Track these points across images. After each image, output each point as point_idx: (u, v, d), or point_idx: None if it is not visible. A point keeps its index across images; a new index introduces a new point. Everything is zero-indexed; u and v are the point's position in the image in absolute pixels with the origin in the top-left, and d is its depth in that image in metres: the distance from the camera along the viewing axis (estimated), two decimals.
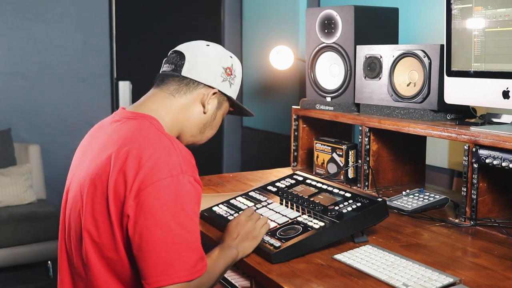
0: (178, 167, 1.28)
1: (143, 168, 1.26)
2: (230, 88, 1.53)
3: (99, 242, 1.31)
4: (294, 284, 1.35)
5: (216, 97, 1.51)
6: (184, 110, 1.47)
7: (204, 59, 1.49)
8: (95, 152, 1.39)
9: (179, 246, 1.24)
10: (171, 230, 1.23)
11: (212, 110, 1.52)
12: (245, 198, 1.86)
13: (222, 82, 1.51)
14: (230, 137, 4.74)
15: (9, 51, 4.07)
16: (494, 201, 1.81)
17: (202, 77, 1.48)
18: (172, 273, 1.22)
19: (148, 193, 1.24)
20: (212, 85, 1.49)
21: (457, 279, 1.33)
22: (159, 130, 1.38)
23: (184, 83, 1.47)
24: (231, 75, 1.53)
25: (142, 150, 1.29)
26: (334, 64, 2.42)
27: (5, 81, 4.08)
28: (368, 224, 1.62)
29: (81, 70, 4.28)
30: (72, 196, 1.41)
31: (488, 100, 1.80)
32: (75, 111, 4.28)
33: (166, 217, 1.24)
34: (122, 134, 1.36)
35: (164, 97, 1.47)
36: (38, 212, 3.68)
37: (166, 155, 1.29)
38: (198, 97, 1.48)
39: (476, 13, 1.77)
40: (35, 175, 3.97)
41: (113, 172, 1.28)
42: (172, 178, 1.26)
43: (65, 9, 4.18)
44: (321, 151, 2.44)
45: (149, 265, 1.23)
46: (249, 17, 4.44)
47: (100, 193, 1.31)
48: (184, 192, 1.27)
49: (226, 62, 1.52)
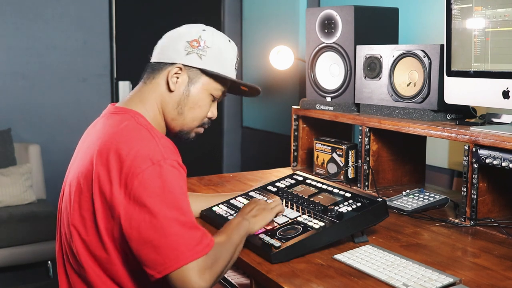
0: (159, 154, 1.28)
1: (125, 163, 1.26)
2: (200, 60, 1.44)
3: (87, 240, 1.32)
4: (294, 284, 1.35)
5: (185, 73, 1.44)
6: (156, 93, 1.45)
7: (168, 40, 1.48)
8: (83, 151, 1.41)
9: (177, 229, 1.23)
10: (166, 216, 1.23)
11: (182, 86, 1.45)
12: (245, 198, 1.86)
13: (187, 56, 1.44)
14: (230, 137, 4.74)
15: (9, 51, 4.07)
16: (494, 201, 1.81)
17: (164, 57, 1.46)
18: (179, 255, 1.22)
19: (136, 186, 1.24)
20: (173, 61, 1.44)
21: (457, 279, 1.33)
22: (139, 123, 1.37)
23: (153, 69, 1.47)
24: (198, 46, 1.44)
25: (121, 145, 1.29)
26: (334, 64, 2.42)
27: (5, 81, 4.08)
28: (368, 224, 1.62)
29: (81, 70, 4.28)
30: (65, 196, 1.43)
31: (488, 100, 1.80)
32: (75, 111, 4.28)
33: (158, 204, 1.24)
34: (104, 131, 1.37)
35: (140, 88, 1.48)
36: (38, 212, 3.68)
37: (144, 146, 1.29)
38: (164, 76, 1.45)
39: (476, 13, 1.77)
40: (35, 175, 3.97)
41: (96, 170, 1.29)
42: (154, 166, 1.26)
43: (65, 9, 4.19)
44: (321, 151, 2.44)
45: (154, 255, 1.23)
46: (249, 17, 4.44)
47: (85, 191, 1.32)
48: (169, 177, 1.26)
49: (191, 36, 1.45)
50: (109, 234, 1.30)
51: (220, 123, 4.72)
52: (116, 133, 1.33)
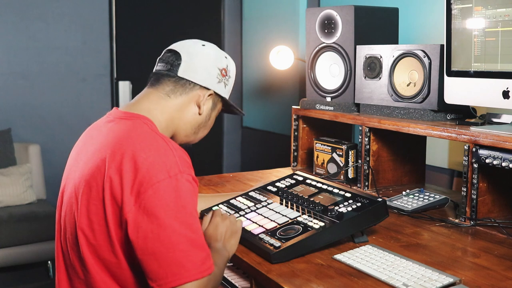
0: (176, 167, 1.28)
1: (140, 170, 1.25)
2: (224, 89, 1.54)
3: (95, 244, 1.31)
4: (294, 284, 1.35)
5: (211, 98, 1.51)
6: (180, 111, 1.47)
7: (200, 60, 1.49)
8: (89, 154, 1.38)
9: (185, 246, 1.23)
10: (175, 230, 1.23)
11: (207, 111, 1.52)
12: (245, 198, 1.86)
13: (218, 84, 1.51)
14: (230, 137, 4.74)
15: (9, 51, 4.08)
16: (494, 201, 1.81)
17: (198, 78, 1.48)
18: (182, 272, 1.22)
19: (149, 196, 1.23)
20: (208, 86, 1.49)
21: (457, 279, 1.33)
22: (153, 131, 1.37)
23: (180, 84, 1.47)
24: (226, 76, 1.53)
25: (137, 151, 1.28)
26: (334, 64, 2.42)
27: (5, 81, 4.09)
28: (368, 224, 1.62)
29: (81, 70, 4.28)
30: (67, 198, 1.40)
31: (488, 100, 1.80)
32: (75, 111, 4.28)
33: (169, 218, 1.23)
34: (116, 135, 1.35)
35: (159, 97, 1.46)
36: (38, 212, 3.68)
37: (162, 156, 1.29)
38: (194, 98, 1.48)
39: (476, 13, 1.77)
40: (35, 175, 3.97)
41: (108, 174, 1.28)
42: (170, 179, 1.25)
43: (65, 9, 4.19)
44: (321, 151, 2.44)
45: (157, 267, 1.23)
46: (249, 17, 4.44)
47: (95, 195, 1.30)
48: (184, 191, 1.26)
49: (221, 63, 1.52)
50: (119, 239, 1.28)
51: (220, 123, 4.72)
52: (131, 138, 1.32)
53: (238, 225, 1.54)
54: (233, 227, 1.52)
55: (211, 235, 1.49)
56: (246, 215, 1.73)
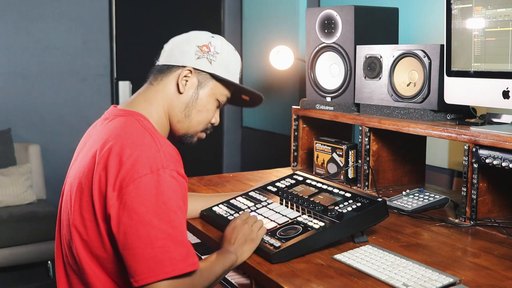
0: (159, 162, 1.27)
1: (124, 165, 1.26)
2: (210, 65, 1.47)
3: (87, 240, 1.32)
4: (294, 284, 1.35)
5: (194, 76, 1.47)
6: (163, 95, 1.46)
7: (177, 43, 1.49)
8: (85, 152, 1.41)
9: (164, 242, 1.22)
10: (154, 227, 1.22)
11: (192, 89, 1.47)
12: (245, 198, 1.86)
13: (198, 60, 1.47)
14: (230, 137, 4.74)
15: (9, 51, 4.08)
16: (494, 201, 1.81)
17: (174, 59, 1.47)
18: (159, 268, 1.21)
19: (130, 191, 1.24)
20: (184, 64, 1.46)
21: (457, 279, 1.33)
22: (143, 126, 1.36)
23: (160, 70, 1.48)
24: (208, 52, 1.48)
25: (124, 147, 1.29)
26: (334, 64, 2.42)
27: (5, 81, 4.09)
28: (368, 224, 1.62)
29: (81, 70, 4.28)
30: (65, 197, 1.43)
31: (488, 100, 1.80)
32: (75, 111, 4.28)
33: (149, 214, 1.23)
34: (106, 132, 1.36)
35: (146, 89, 1.48)
36: (38, 212, 3.69)
37: (146, 151, 1.28)
38: (174, 79, 1.47)
39: (476, 13, 1.77)
40: (35, 175, 3.97)
41: (96, 170, 1.29)
42: (152, 174, 1.25)
43: (65, 9, 4.19)
44: (321, 151, 2.44)
45: (135, 263, 1.23)
46: (249, 17, 4.44)
47: (86, 191, 1.31)
48: (166, 187, 1.25)
49: (201, 41, 1.48)
50: (107, 234, 1.29)
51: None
52: (119, 135, 1.32)
53: (257, 234, 1.52)
54: (251, 234, 1.51)
55: (226, 236, 1.50)
56: None
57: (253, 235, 1.51)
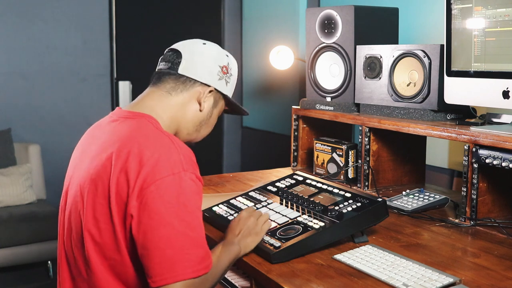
0: (180, 165, 1.28)
1: (144, 167, 1.26)
2: (226, 87, 1.54)
3: (100, 243, 1.31)
4: (294, 284, 1.35)
5: (212, 95, 1.52)
6: (181, 108, 1.48)
7: (201, 58, 1.50)
8: (94, 153, 1.39)
9: (183, 244, 1.24)
10: (174, 228, 1.24)
11: (208, 108, 1.52)
12: (245, 198, 1.86)
13: (219, 81, 1.52)
14: (230, 137, 4.73)
15: (9, 51, 4.08)
16: (494, 201, 1.81)
17: (198, 75, 1.48)
18: (178, 270, 1.22)
19: (150, 191, 1.24)
20: (208, 83, 1.50)
21: (457, 279, 1.33)
22: (158, 129, 1.38)
23: (180, 81, 1.48)
24: (227, 73, 1.54)
25: (143, 149, 1.29)
26: (334, 64, 2.42)
27: (5, 81, 4.08)
28: (368, 224, 1.62)
29: (81, 70, 4.28)
30: (72, 197, 1.40)
31: (488, 100, 1.80)
32: (75, 111, 4.28)
33: (170, 215, 1.24)
34: (121, 133, 1.36)
35: (161, 95, 1.47)
36: (38, 212, 3.68)
37: (167, 153, 1.29)
38: (195, 95, 1.49)
39: (476, 13, 1.77)
40: (35, 175, 3.97)
41: (114, 172, 1.28)
42: (174, 176, 1.26)
43: (65, 9, 4.19)
44: (321, 151, 2.44)
45: (154, 263, 1.23)
46: (249, 17, 4.44)
47: (101, 193, 1.30)
48: (186, 189, 1.27)
49: (222, 61, 1.53)
50: (124, 236, 1.29)
51: (220, 123, 4.72)
52: (136, 137, 1.33)
53: (262, 228, 1.54)
54: (256, 227, 1.53)
55: (231, 227, 1.54)
56: None
57: (257, 229, 1.53)
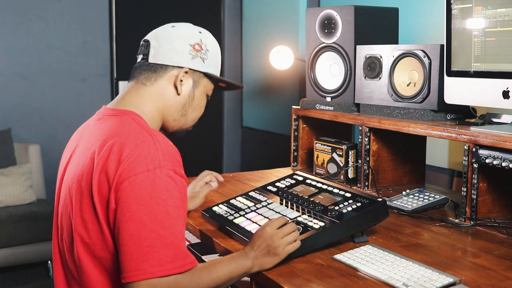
0: (156, 161, 1.26)
1: (122, 163, 1.25)
2: (203, 64, 1.47)
3: (89, 243, 1.31)
4: (294, 284, 1.34)
5: (189, 76, 1.47)
6: (160, 96, 1.45)
7: (168, 41, 1.46)
8: (80, 153, 1.39)
9: (152, 242, 1.22)
10: (145, 226, 1.22)
11: (188, 90, 1.47)
12: (245, 198, 1.86)
13: (192, 60, 1.46)
14: (230, 137, 4.73)
15: (9, 51, 4.07)
16: (494, 201, 1.81)
17: (168, 59, 1.45)
18: (145, 268, 1.21)
19: (124, 187, 1.24)
20: (180, 64, 1.45)
21: (457, 279, 1.33)
22: (140, 125, 1.36)
23: (152, 70, 1.46)
24: (201, 50, 1.47)
25: (123, 146, 1.28)
26: (334, 64, 2.42)
27: (5, 81, 4.08)
28: (368, 224, 1.62)
29: (81, 70, 4.28)
30: (63, 199, 1.40)
31: (488, 100, 1.80)
32: (75, 111, 4.27)
33: (141, 212, 1.23)
34: (104, 132, 1.35)
35: (138, 88, 1.46)
36: (38, 212, 3.68)
37: (145, 150, 1.28)
38: (170, 80, 1.45)
39: (476, 13, 1.77)
40: (35, 175, 3.97)
41: (95, 171, 1.28)
42: (148, 172, 1.25)
43: (65, 9, 4.19)
44: (321, 151, 2.44)
45: (124, 259, 1.23)
46: (249, 17, 4.44)
47: (86, 193, 1.30)
48: (161, 187, 1.25)
49: (193, 39, 1.47)
50: (110, 233, 1.29)
51: (220, 123, 4.72)
52: (117, 135, 1.32)
53: (284, 249, 1.42)
54: (277, 248, 1.41)
55: (252, 240, 1.43)
56: (246, 215, 1.73)
57: (279, 250, 1.41)
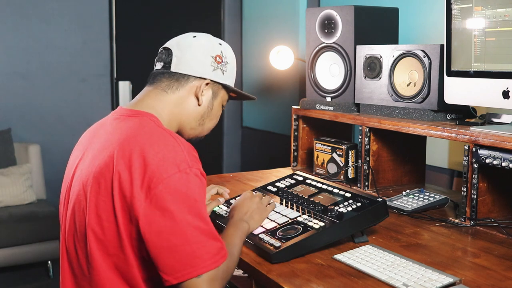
0: (185, 162, 1.29)
1: (149, 166, 1.27)
2: (223, 76, 1.52)
3: (103, 240, 1.31)
4: (294, 284, 1.35)
5: (209, 87, 1.50)
6: (179, 104, 1.48)
7: (191, 52, 1.48)
8: (96, 151, 1.39)
9: (200, 238, 1.25)
10: (189, 223, 1.25)
11: (208, 100, 1.51)
12: None
13: (213, 71, 1.50)
14: (230, 137, 4.74)
15: (9, 51, 4.08)
16: (494, 201, 1.81)
17: (191, 70, 1.47)
18: (199, 263, 1.24)
19: (160, 191, 1.25)
20: (203, 76, 1.48)
21: (457, 279, 1.33)
22: (160, 127, 1.38)
23: (174, 79, 1.47)
24: (221, 62, 1.52)
25: (146, 147, 1.30)
26: (334, 64, 2.42)
27: (5, 81, 4.09)
28: (368, 224, 1.62)
29: (81, 70, 4.28)
30: (75, 196, 1.40)
31: (488, 100, 1.80)
32: (75, 111, 4.28)
33: (182, 212, 1.25)
34: (123, 131, 1.36)
35: (158, 94, 1.47)
36: (38, 212, 3.68)
37: (171, 151, 1.30)
38: (191, 90, 1.48)
39: (476, 13, 1.78)
40: (35, 175, 3.97)
41: (116, 170, 1.29)
42: (181, 173, 1.27)
43: (65, 9, 4.19)
44: (321, 151, 2.44)
45: (173, 261, 1.24)
46: (249, 17, 4.44)
47: (104, 191, 1.30)
48: (194, 185, 1.29)
49: (214, 51, 1.51)
50: (128, 235, 1.29)
51: (220, 123, 4.72)
52: (139, 135, 1.33)
53: (267, 207, 1.65)
54: (261, 206, 1.63)
55: (237, 207, 1.61)
56: None
57: (262, 206, 1.64)
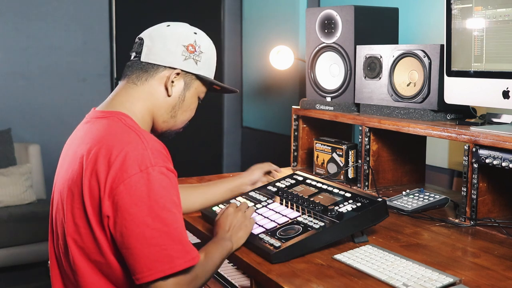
0: (147, 160, 1.26)
1: (112, 166, 1.24)
2: (196, 66, 1.46)
3: (83, 247, 1.31)
4: (294, 284, 1.35)
5: (181, 78, 1.45)
6: (150, 96, 1.43)
7: (162, 40, 1.44)
8: (69, 158, 1.38)
9: (159, 240, 1.22)
10: (148, 225, 1.22)
11: (179, 92, 1.46)
12: (245, 198, 1.86)
13: (185, 61, 1.44)
14: (230, 137, 4.74)
15: (9, 51, 4.08)
16: (494, 201, 1.81)
17: (160, 59, 1.43)
18: (157, 267, 1.22)
19: (120, 191, 1.23)
20: (172, 65, 1.43)
21: (457, 279, 1.33)
22: (127, 125, 1.34)
23: (144, 70, 1.43)
24: (194, 52, 1.45)
25: (110, 148, 1.27)
26: (334, 64, 2.42)
27: (5, 81, 4.09)
28: (368, 224, 1.62)
29: (81, 70, 4.28)
30: (55, 204, 1.40)
31: (488, 100, 1.80)
32: (75, 111, 4.28)
33: (142, 213, 1.23)
34: (91, 135, 1.34)
35: (128, 88, 1.43)
36: (38, 212, 3.69)
37: (133, 150, 1.26)
38: (161, 80, 1.43)
39: (476, 13, 1.77)
40: (35, 175, 3.97)
41: (85, 175, 1.27)
42: (141, 173, 1.24)
43: (65, 9, 4.19)
44: (321, 151, 2.44)
45: (135, 261, 1.23)
46: (249, 17, 4.44)
47: (77, 198, 1.30)
48: (156, 185, 1.25)
49: (187, 40, 1.45)
50: (104, 239, 1.28)
51: (220, 123, 4.72)
52: (104, 137, 1.30)
53: (250, 221, 1.58)
54: (245, 221, 1.57)
55: (220, 224, 1.54)
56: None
57: (246, 222, 1.57)
